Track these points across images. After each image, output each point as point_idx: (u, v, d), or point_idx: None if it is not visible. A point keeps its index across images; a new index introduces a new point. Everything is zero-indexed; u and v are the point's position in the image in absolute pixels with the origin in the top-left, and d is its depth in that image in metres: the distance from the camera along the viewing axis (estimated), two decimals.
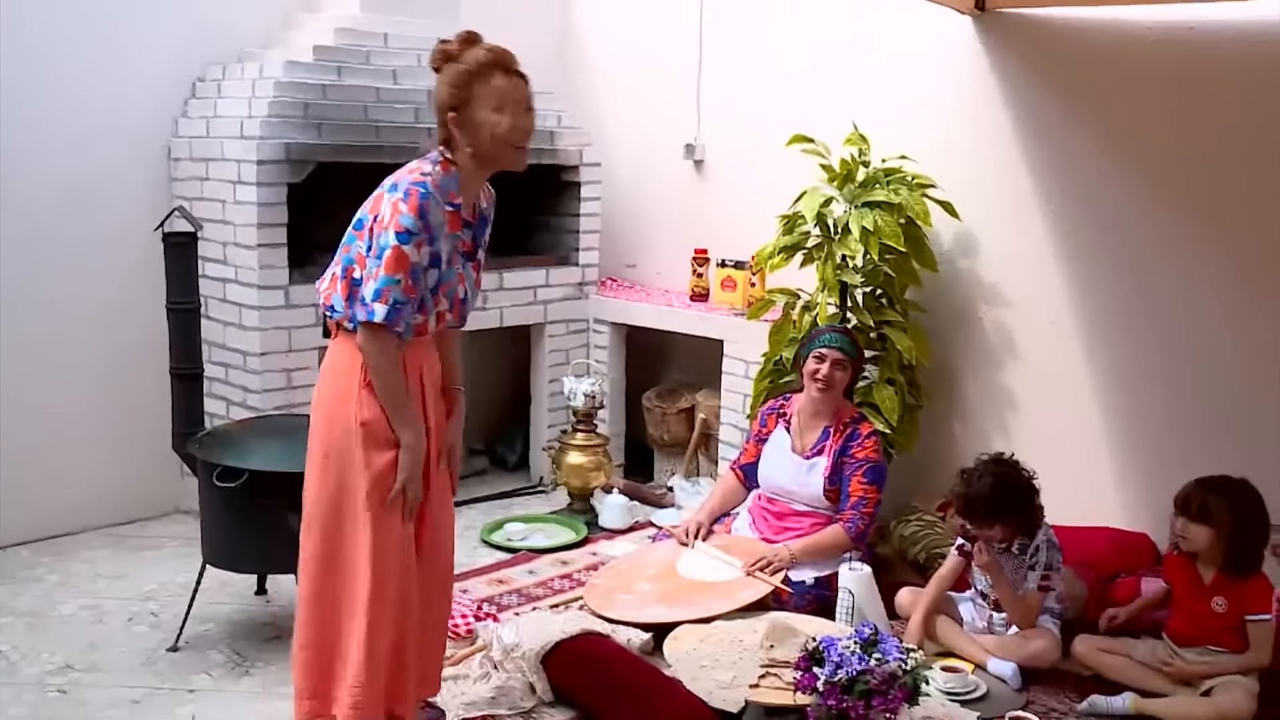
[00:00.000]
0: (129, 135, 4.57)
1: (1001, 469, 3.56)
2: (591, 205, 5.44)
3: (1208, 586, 3.35)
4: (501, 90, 2.59)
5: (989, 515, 3.50)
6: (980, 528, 3.53)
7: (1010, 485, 3.52)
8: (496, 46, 2.65)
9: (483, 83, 2.59)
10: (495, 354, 5.70)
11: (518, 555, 4.47)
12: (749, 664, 3.31)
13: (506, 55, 2.63)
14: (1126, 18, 4.09)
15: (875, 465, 3.95)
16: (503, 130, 2.60)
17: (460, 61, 2.62)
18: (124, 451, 4.67)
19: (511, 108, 2.60)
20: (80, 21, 4.39)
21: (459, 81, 2.61)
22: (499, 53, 2.63)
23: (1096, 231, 4.25)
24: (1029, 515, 3.54)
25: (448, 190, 2.65)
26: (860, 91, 4.78)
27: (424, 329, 2.70)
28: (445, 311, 2.73)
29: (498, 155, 2.66)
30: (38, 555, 4.35)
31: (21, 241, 4.35)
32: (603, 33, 5.91)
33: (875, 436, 4.01)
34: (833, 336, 4.02)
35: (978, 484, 3.52)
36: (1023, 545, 3.55)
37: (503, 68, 2.60)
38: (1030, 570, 3.53)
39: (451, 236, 2.67)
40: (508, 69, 2.61)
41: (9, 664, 3.47)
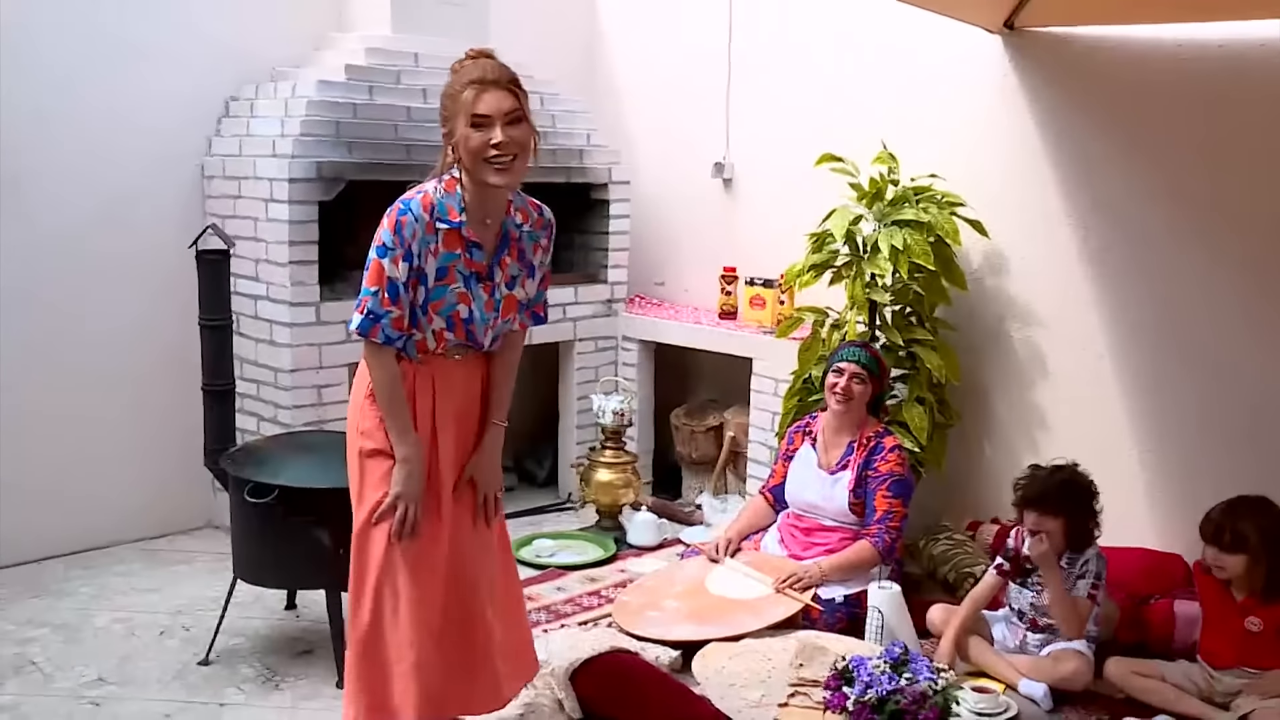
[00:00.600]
0: (163, 154, 4.63)
1: (1073, 470, 3.59)
2: (620, 223, 5.46)
3: (1239, 604, 3.35)
4: (473, 104, 2.54)
5: (1061, 504, 3.50)
6: (1043, 519, 3.50)
7: (1081, 485, 3.56)
8: (487, 60, 2.61)
9: (461, 99, 2.56)
10: (524, 371, 5.62)
11: (546, 572, 4.48)
12: (778, 683, 3.31)
13: (491, 68, 2.58)
14: (1155, 35, 4.08)
15: (900, 479, 3.95)
16: (474, 144, 2.55)
17: (453, 78, 2.61)
18: (156, 466, 4.71)
19: (480, 120, 2.54)
20: (116, 43, 4.46)
21: (443, 99, 2.62)
22: (483, 66, 2.58)
23: (1127, 249, 4.23)
24: (1088, 522, 3.54)
25: (445, 208, 2.62)
26: (889, 110, 4.79)
27: (425, 347, 2.68)
28: (444, 331, 2.68)
29: (475, 170, 2.59)
30: (71, 568, 4.40)
31: (58, 258, 4.41)
32: (632, 51, 5.95)
33: (899, 450, 4.00)
34: (850, 351, 4.05)
35: (1051, 475, 3.56)
36: (1071, 559, 3.53)
37: (481, 82, 2.55)
38: (1080, 579, 3.51)
39: (447, 255, 2.63)
40: (485, 82, 2.55)
41: (44, 676, 3.51)
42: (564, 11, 5.96)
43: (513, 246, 2.75)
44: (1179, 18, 3.98)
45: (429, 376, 2.71)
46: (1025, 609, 3.60)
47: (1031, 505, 3.53)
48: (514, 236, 2.75)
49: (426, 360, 2.70)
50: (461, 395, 2.78)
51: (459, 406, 2.78)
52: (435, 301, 2.64)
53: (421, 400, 2.70)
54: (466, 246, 2.66)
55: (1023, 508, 3.56)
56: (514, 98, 2.58)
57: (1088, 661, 3.47)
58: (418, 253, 2.58)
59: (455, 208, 2.63)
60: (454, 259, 2.65)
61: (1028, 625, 3.60)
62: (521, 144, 2.59)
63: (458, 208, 2.63)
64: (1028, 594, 3.59)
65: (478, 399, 2.83)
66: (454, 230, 2.63)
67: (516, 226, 2.76)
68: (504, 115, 2.55)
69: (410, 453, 2.66)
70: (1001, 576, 3.66)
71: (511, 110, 2.56)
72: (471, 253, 2.67)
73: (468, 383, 2.80)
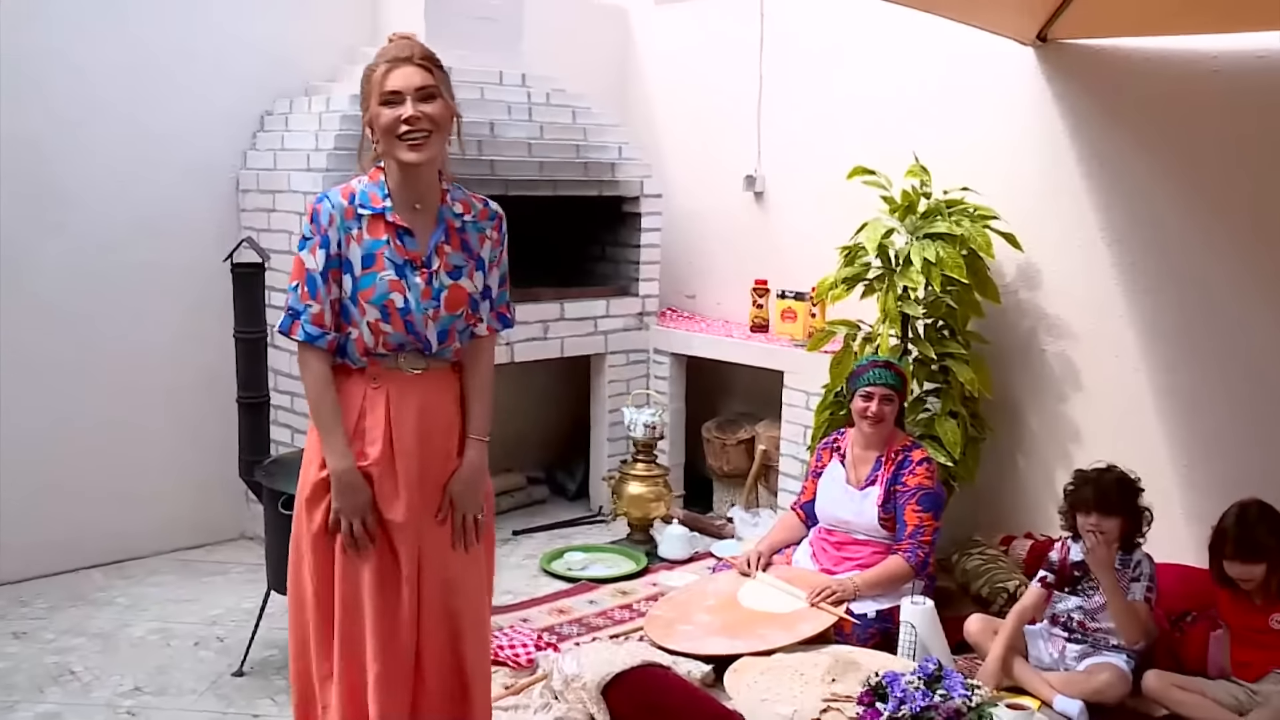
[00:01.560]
0: (198, 168, 4.70)
1: (1121, 470, 3.60)
2: (652, 236, 5.48)
3: (1260, 607, 3.40)
4: (384, 81, 2.48)
5: (1121, 503, 3.50)
6: (1104, 518, 3.49)
7: (1131, 483, 3.57)
8: (403, 40, 2.54)
9: (373, 78, 2.50)
10: (555, 384, 5.75)
11: (578, 585, 4.49)
12: (810, 697, 3.30)
13: (404, 46, 2.51)
14: (1191, 46, 4.06)
15: (929, 492, 3.93)
16: (385, 121, 2.47)
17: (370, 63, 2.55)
18: (191, 478, 4.77)
19: (390, 97, 2.47)
20: (153, 58, 4.53)
21: (362, 79, 2.54)
22: (398, 45, 2.52)
23: (1161, 261, 4.20)
24: (1140, 521, 3.56)
25: (367, 195, 2.54)
26: (922, 123, 4.78)
27: (365, 346, 2.54)
28: (380, 323, 2.53)
29: (389, 148, 2.51)
30: (109, 578, 4.45)
31: (95, 271, 4.47)
32: (663, 65, 5.97)
33: (928, 463, 3.99)
34: (876, 373, 4.02)
35: (1103, 475, 3.56)
36: (1124, 559, 3.53)
37: (393, 60, 2.49)
38: (1134, 581, 3.51)
39: (372, 242, 2.52)
40: (397, 59, 2.49)
41: (82, 685, 3.55)
42: (597, 26, 6.00)
43: (453, 235, 2.62)
44: (1214, 29, 3.96)
45: (383, 393, 2.57)
46: (1073, 613, 3.57)
47: (1093, 506, 3.51)
48: (452, 225, 2.62)
49: (381, 376, 2.57)
50: (420, 414, 2.60)
51: (421, 426, 2.59)
52: (365, 290, 2.52)
53: (373, 418, 2.56)
54: (396, 233, 2.55)
55: (1082, 510, 3.54)
56: (427, 73, 2.50)
57: (1122, 675, 3.44)
58: (337, 240, 2.50)
59: (378, 194, 2.55)
60: (380, 245, 2.53)
61: (1068, 635, 3.57)
62: (436, 120, 2.50)
63: (380, 194, 2.55)
64: (1074, 600, 3.58)
65: (447, 419, 2.65)
66: (378, 216, 2.54)
67: (455, 215, 2.63)
68: (415, 90, 2.47)
69: (342, 466, 2.52)
70: (1046, 589, 3.64)
71: (424, 85, 2.49)
72: (402, 239, 2.55)
73: (429, 401, 2.62)
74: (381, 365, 2.57)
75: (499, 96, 4.97)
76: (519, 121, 4.98)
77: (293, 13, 4.88)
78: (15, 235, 4.28)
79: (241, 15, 4.73)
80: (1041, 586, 3.65)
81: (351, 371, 2.58)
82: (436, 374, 2.64)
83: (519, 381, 5.60)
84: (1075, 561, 3.59)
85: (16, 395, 4.34)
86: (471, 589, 2.70)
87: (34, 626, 3.97)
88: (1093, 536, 3.50)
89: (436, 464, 2.62)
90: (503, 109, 4.94)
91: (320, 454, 2.56)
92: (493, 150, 4.79)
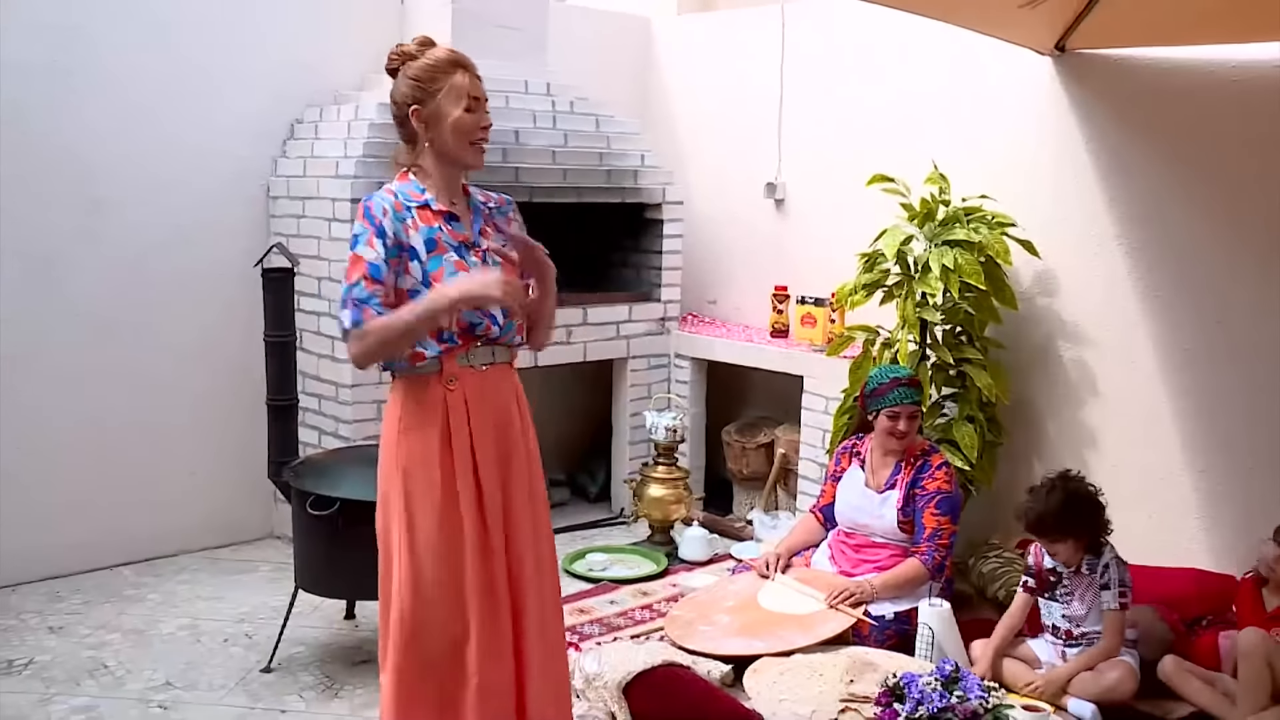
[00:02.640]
0: (232, 175, 4.78)
1: (1069, 484, 3.58)
2: (673, 242, 5.53)
3: (1272, 614, 3.45)
4: (464, 86, 2.56)
5: (1060, 530, 3.51)
6: (1052, 543, 3.53)
7: (1079, 500, 3.54)
8: (448, 48, 2.63)
9: (446, 78, 2.56)
10: (578, 388, 5.80)
11: (599, 585, 4.54)
12: (829, 698, 3.32)
13: (466, 56, 2.62)
14: (1208, 56, 4.09)
15: (947, 496, 3.96)
16: (467, 125, 2.57)
17: (424, 59, 2.60)
18: (221, 478, 4.85)
19: (473, 104, 2.57)
20: (189, 71, 4.63)
21: (423, 76, 2.57)
22: (459, 53, 2.61)
23: (1177, 269, 4.23)
24: (1096, 530, 3.54)
25: (406, 194, 2.60)
26: (941, 131, 4.82)
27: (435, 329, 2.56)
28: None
29: (459, 150, 2.59)
30: (140, 575, 4.54)
31: (130, 275, 4.56)
32: (685, 75, 6.03)
33: (946, 467, 4.02)
34: (902, 392, 4.02)
35: (1047, 500, 3.53)
36: (1090, 564, 3.54)
37: (464, 66, 2.58)
38: (1104, 589, 3.51)
39: (427, 229, 2.58)
40: (468, 67, 2.59)
41: (115, 679, 3.63)
42: (620, 36, 6.07)
43: (488, 220, 2.73)
44: (1232, 39, 3.99)
45: (460, 396, 2.61)
46: (1059, 623, 3.61)
47: (1035, 531, 3.55)
48: (484, 213, 2.73)
49: (456, 376, 2.60)
50: (495, 408, 2.67)
51: (496, 419, 2.67)
52: (435, 273, 2.57)
53: (456, 418, 2.60)
54: (444, 218, 2.62)
55: (1033, 534, 3.59)
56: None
57: (1131, 671, 3.46)
58: (393, 230, 2.53)
59: (416, 190, 2.61)
60: (436, 231, 2.60)
61: (1063, 639, 3.60)
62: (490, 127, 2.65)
63: (418, 190, 2.62)
64: (1058, 607, 3.61)
65: (512, 413, 2.73)
66: (424, 207, 2.60)
67: (483, 204, 2.74)
68: (486, 101, 2.60)
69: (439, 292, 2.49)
70: (1028, 593, 3.68)
71: (486, 97, 2.62)
72: (451, 224, 2.63)
73: (499, 394, 2.69)
74: (456, 364, 2.61)
75: (524, 105, 5.03)
76: (543, 130, 5.05)
77: (322, 24, 4.96)
78: (54, 242, 4.38)
79: (273, 28, 4.83)
80: (1024, 591, 3.69)
81: (429, 381, 2.60)
82: (502, 369, 2.71)
83: (542, 385, 5.65)
84: (1049, 567, 3.62)
85: (54, 398, 4.43)
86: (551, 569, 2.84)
87: (69, 621, 4.05)
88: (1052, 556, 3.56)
89: (507, 459, 2.69)
90: (528, 117, 5.01)
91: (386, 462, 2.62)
92: (517, 158, 4.86)
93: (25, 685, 3.56)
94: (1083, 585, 3.55)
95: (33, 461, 4.40)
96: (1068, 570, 3.57)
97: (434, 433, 2.59)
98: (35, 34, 4.25)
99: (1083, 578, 3.55)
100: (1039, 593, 3.65)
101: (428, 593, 2.57)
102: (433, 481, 2.58)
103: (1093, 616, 3.55)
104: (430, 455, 2.59)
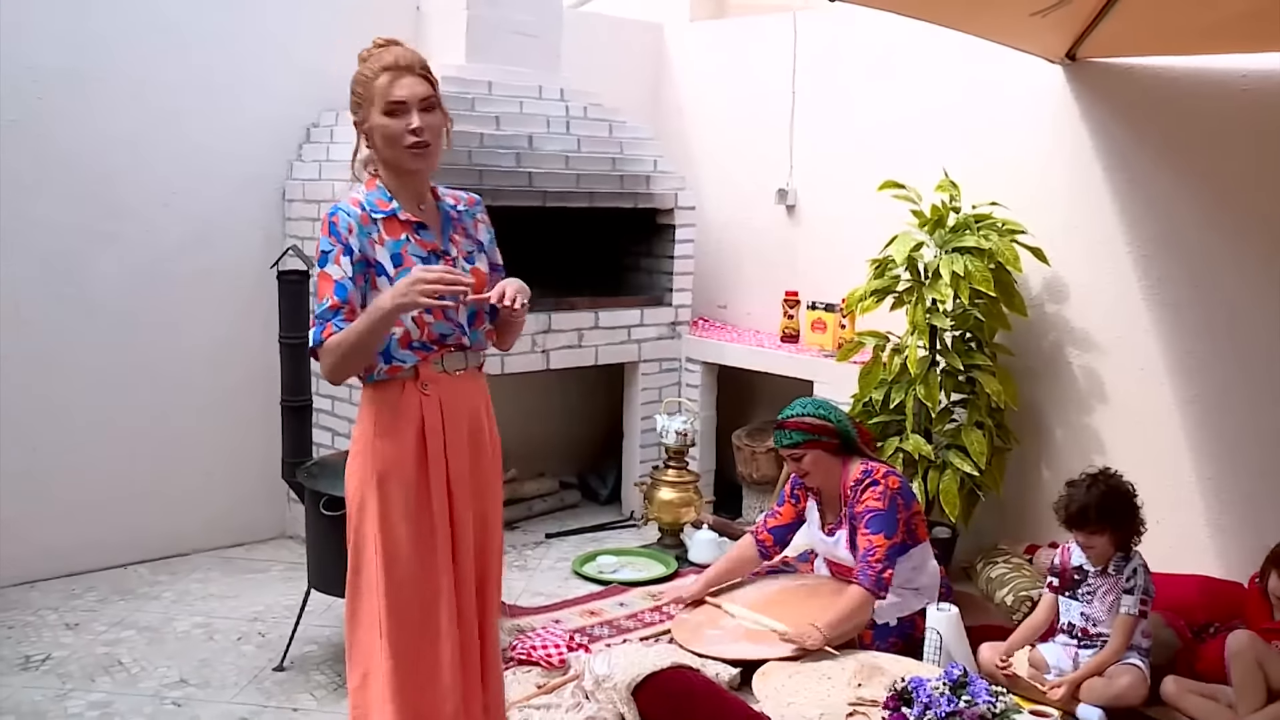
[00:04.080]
0: (247, 179, 4.83)
1: (1111, 480, 3.61)
2: (685, 248, 5.56)
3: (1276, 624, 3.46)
4: (389, 90, 2.50)
5: (1100, 521, 3.53)
6: (1090, 536, 3.54)
7: (1120, 495, 3.58)
8: (397, 47, 2.56)
9: (372, 84, 2.51)
10: (590, 391, 5.83)
11: (609, 587, 4.57)
12: (837, 702, 3.34)
13: (403, 55, 2.54)
14: (1218, 66, 4.11)
15: (876, 513, 3.81)
16: (392, 131, 2.51)
17: (360, 67, 2.56)
18: (235, 478, 4.90)
19: (394, 108, 2.50)
20: (205, 75, 4.68)
21: (355, 87, 2.55)
22: (395, 53, 2.54)
23: (1186, 277, 4.25)
24: (1132, 528, 3.57)
25: (373, 202, 2.57)
26: (951, 138, 4.85)
27: (409, 339, 2.56)
28: (422, 314, 2.55)
29: (395, 157, 2.54)
30: (155, 573, 4.59)
31: (148, 277, 4.62)
32: (698, 81, 6.06)
33: (875, 486, 3.85)
34: (776, 436, 4.02)
35: (1088, 492, 3.56)
36: (1118, 565, 3.56)
37: (395, 68, 2.51)
38: (1127, 594, 3.53)
39: (394, 242, 2.56)
40: (399, 68, 2.52)
41: (130, 676, 3.67)
42: (633, 43, 6.11)
43: (457, 225, 2.70)
44: (1242, 49, 4.01)
45: (435, 400, 2.61)
46: (1076, 620, 3.63)
47: (1074, 524, 3.56)
48: (453, 216, 2.70)
49: (431, 381, 2.61)
50: (468, 412, 2.68)
51: (470, 423, 2.68)
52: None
53: (431, 423, 2.60)
54: (413, 228, 2.60)
55: (1067, 528, 3.61)
56: (428, 84, 2.55)
57: (1142, 677, 3.48)
58: (359, 246, 2.52)
59: (383, 198, 2.58)
60: (402, 244, 2.57)
61: (1079, 643, 3.62)
62: (435, 131, 2.56)
63: (385, 198, 2.58)
64: (1077, 605, 3.63)
65: (481, 417, 2.73)
66: (391, 217, 2.57)
67: (451, 208, 2.71)
68: (419, 101, 2.52)
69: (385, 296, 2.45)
70: (1053, 593, 3.70)
71: (426, 96, 2.53)
72: (420, 233, 2.60)
73: (470, 399, 2.69)
74: (431, 369, 2.61)
75: (538, 110, 5.07)
76: (557, 135, 5.09)
77: (338, 31, 4.97)
78: (73, 245, 4.43)
79: (289, 35, 4.87)
80: (1049, 591, 3.71)
81: (403, 386, 2.60)
82: (473, 374, 2.72)
83: (554, 388, 5.70)
84: (1075, 566, 3.64)
85: (74, 398, 4.48)
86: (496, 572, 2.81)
87: (85, 618, 4.10)
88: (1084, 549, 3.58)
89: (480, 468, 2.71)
90: (541, 122, 5.05)
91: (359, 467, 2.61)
92: (531, 162, 4.90)
93: (43, 681, 3.61)
94: (1106, 585, 3.57)
95: (53, 460, 4.45)
96: (1094, 569, 3.59)
97: (409, 438, 2.59)
98: (56, 41, 4.30)
99: (1108, 578, 3.57)
100: (1061, 590, 3.67)
101: (404, 596, 2.60)
102: (407, 485, 2.59)
103: (1112, 619, 3.57)
104: (405, 460, 2.59)
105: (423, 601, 2.61)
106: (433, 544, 2.62)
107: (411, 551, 2.60)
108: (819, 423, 3.97)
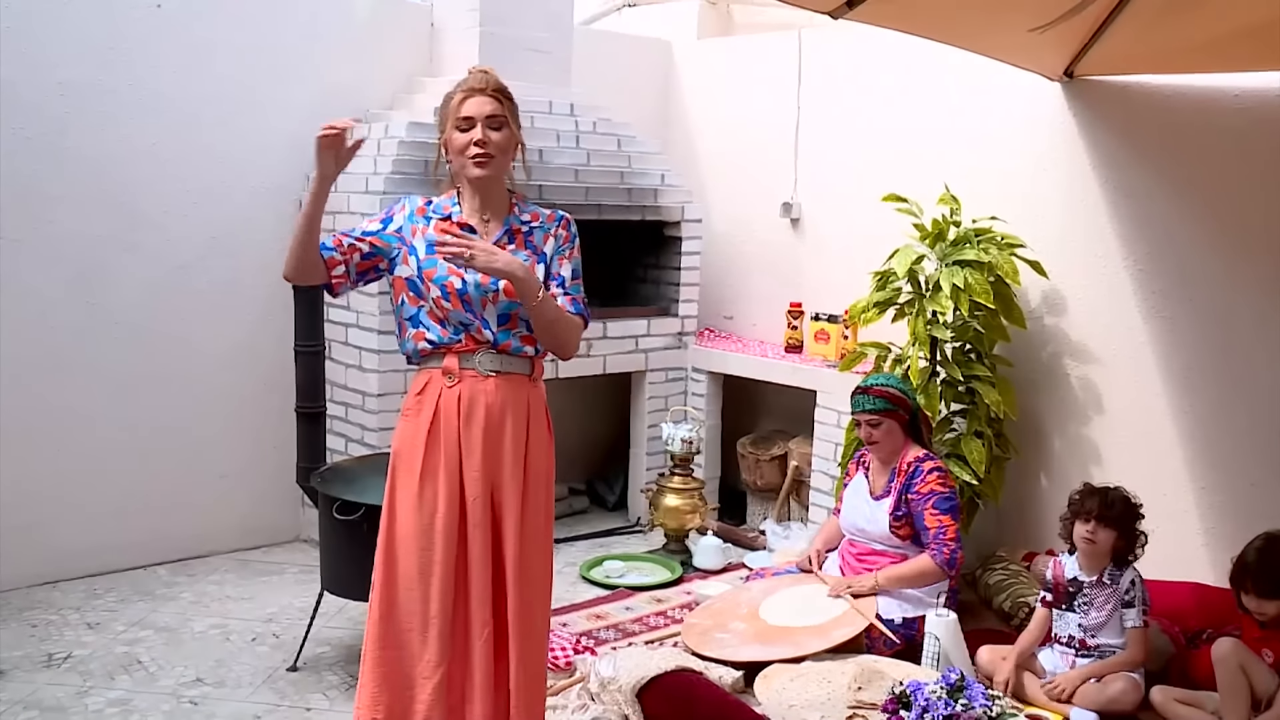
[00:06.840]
0: (263, 189, 4.91)
1: (1122, 490, 3.72)
2: (691, 259, 5.63)
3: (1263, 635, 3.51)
4: (459, 108, 2.73)
5: (1119, 517, 3.62)
6: (1100, 528, 3.61)
7: (1134, 504, 3.69)
8: (481, 72, 2.77)
9: (450, 104, 2.76)
10: (597, 399, 5.89)
11: (616, 592, 4.64)
12: (837, 705, 3.39)
13: (479, 78, 2.75)
14: (1214, 84, 4.17)
15: (943, 495, 3.99)
16: (458, 143, 2.74)
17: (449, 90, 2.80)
18: (251, 482, 4.98)
19: (462, 123, 2.72)
20: (225, 88, 4.77)
21: (439, 108, 2.82)
22: (475, 77, 2.76)
23: (1183, 291, 4.30)
24: (1133, 537, 3.66)
25: (442, 206, 2.82)
26: (952, 154, 4.91)
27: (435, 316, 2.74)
28: (441, 299, 2.72)
29: (458, 167, 2.78)
30: (174, 575, 4.67)
31: (166, 286, 4.71)
32: (705, 97, 6.14)
33: (939, 471, 4.03)
34: (857, 400, 4.14)
35: (1113, 491, 3.69)
36: (1113, 575, 3.63)
37: (469, 89, 2.74)
38: (1127, 607, 3.60)
39: (434, 234, 2.72)
40: (472, 89, 2.73)
41: (148, 674, 3.76)
42: (642, 59, 6.20)
43: (517, 237, 2.82)
44: (1236, 68, 4.06)
45: (456, 394, 2.75)
46: (1074, 632, 3.69)
47: (1094, 515, 3.63)
48: (517, 230, 2.83)
49: (456, 375, 2.75)
50: (488, 414, 2.75)
51: (488, 425, 2.75)
52: (428, 270, 2.74)
53: (447, 414, 2.74)
54: (462, 229, 2.75)
55: (1082, 518, 3.66)
56: (497, 103, 2.74)
57: (1135, 684, 3.54)
58: (399, 226, 2.80)
59: (449, 204, 2.83)
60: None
61: (1076, 652, 3.68)
62: (501, 146, 2.75)
63: (451, 203, 2.83)
64: (1074, 617, 3.68)
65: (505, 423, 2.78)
66: (446, 218, 2.79)
67: (522, 223, 2.84)
68: (486, 118, 2.72)
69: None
70: (1046, 607, 3.76)
71: (494, 114, 2.73)
72: (468, 233, 2.72)
73: (500, 402, 2.76)
74: (458, 361, 2.76)
75: (548, 125, 5.15)
76: (567, 149, 5.16)
77: (355, 46, 5.09)
78: (94, 254, 4.52)
79: (308, 50, 4.97)
80: (1043, 605, 3.77)
81: (431, 375, 2.79)
82: (511, 381, 2.80)
83: (563, 396, 5.75)
84: (1070, 578, 3.70)
85: (95, 404, 4.57)
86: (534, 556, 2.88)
87: (106, 618, 4.19)
88: (1087, 544, 3.63)
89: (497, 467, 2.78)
90: (552, 136, 5.13)
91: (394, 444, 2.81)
92: (541, 175, 4.97)
93: (64, 678, 3.69)
94: (1102, 596, 3.63)
95: (74, 464, 4.55)
96: (1089, 580, 3.65)
97: (424, 423, 2.76)
98: (80, 54, 4.40)
99: (1103, 588, 3.63)
100: (1057, 604, 3.73)
101: (400, 579, 2.76)
102: (414, 469, 2.76)
103: (1109, 629, 3.63)
104: (416, 444, 2.76)
105: (420, 569, 2.75)
106: (433, 535, 2.74)
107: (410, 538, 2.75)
108: (902, 397, 4.13)
